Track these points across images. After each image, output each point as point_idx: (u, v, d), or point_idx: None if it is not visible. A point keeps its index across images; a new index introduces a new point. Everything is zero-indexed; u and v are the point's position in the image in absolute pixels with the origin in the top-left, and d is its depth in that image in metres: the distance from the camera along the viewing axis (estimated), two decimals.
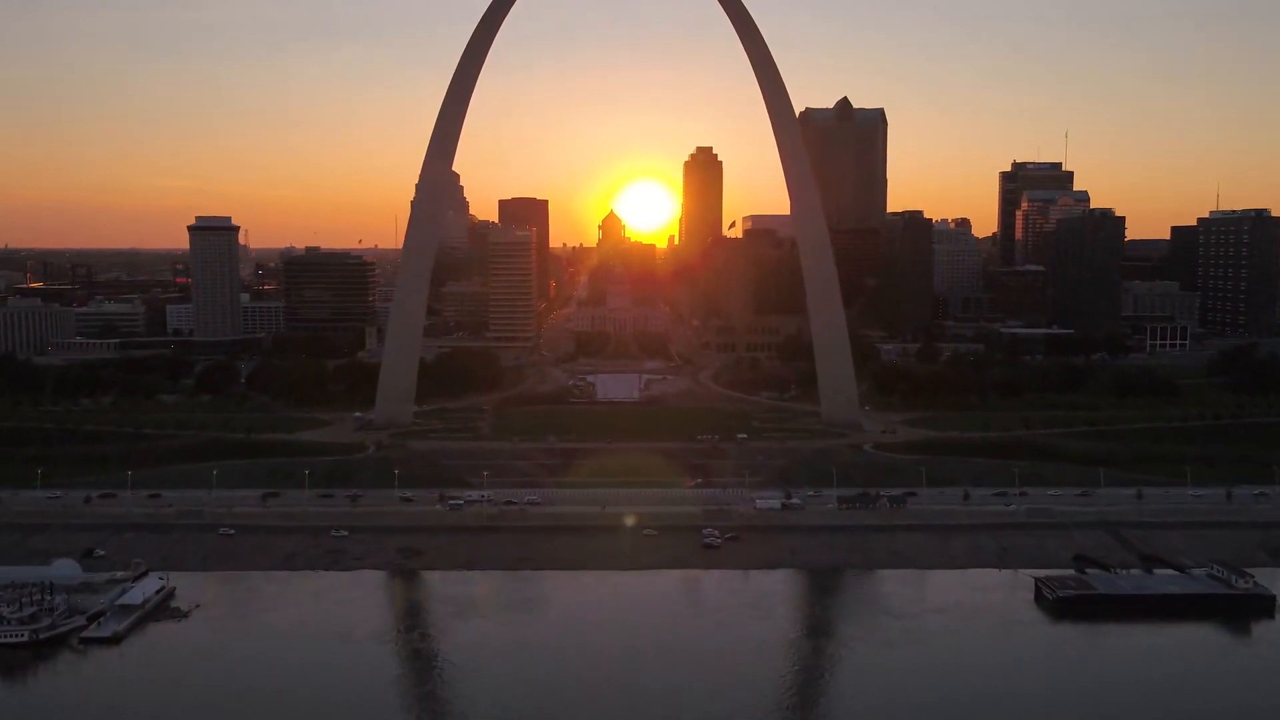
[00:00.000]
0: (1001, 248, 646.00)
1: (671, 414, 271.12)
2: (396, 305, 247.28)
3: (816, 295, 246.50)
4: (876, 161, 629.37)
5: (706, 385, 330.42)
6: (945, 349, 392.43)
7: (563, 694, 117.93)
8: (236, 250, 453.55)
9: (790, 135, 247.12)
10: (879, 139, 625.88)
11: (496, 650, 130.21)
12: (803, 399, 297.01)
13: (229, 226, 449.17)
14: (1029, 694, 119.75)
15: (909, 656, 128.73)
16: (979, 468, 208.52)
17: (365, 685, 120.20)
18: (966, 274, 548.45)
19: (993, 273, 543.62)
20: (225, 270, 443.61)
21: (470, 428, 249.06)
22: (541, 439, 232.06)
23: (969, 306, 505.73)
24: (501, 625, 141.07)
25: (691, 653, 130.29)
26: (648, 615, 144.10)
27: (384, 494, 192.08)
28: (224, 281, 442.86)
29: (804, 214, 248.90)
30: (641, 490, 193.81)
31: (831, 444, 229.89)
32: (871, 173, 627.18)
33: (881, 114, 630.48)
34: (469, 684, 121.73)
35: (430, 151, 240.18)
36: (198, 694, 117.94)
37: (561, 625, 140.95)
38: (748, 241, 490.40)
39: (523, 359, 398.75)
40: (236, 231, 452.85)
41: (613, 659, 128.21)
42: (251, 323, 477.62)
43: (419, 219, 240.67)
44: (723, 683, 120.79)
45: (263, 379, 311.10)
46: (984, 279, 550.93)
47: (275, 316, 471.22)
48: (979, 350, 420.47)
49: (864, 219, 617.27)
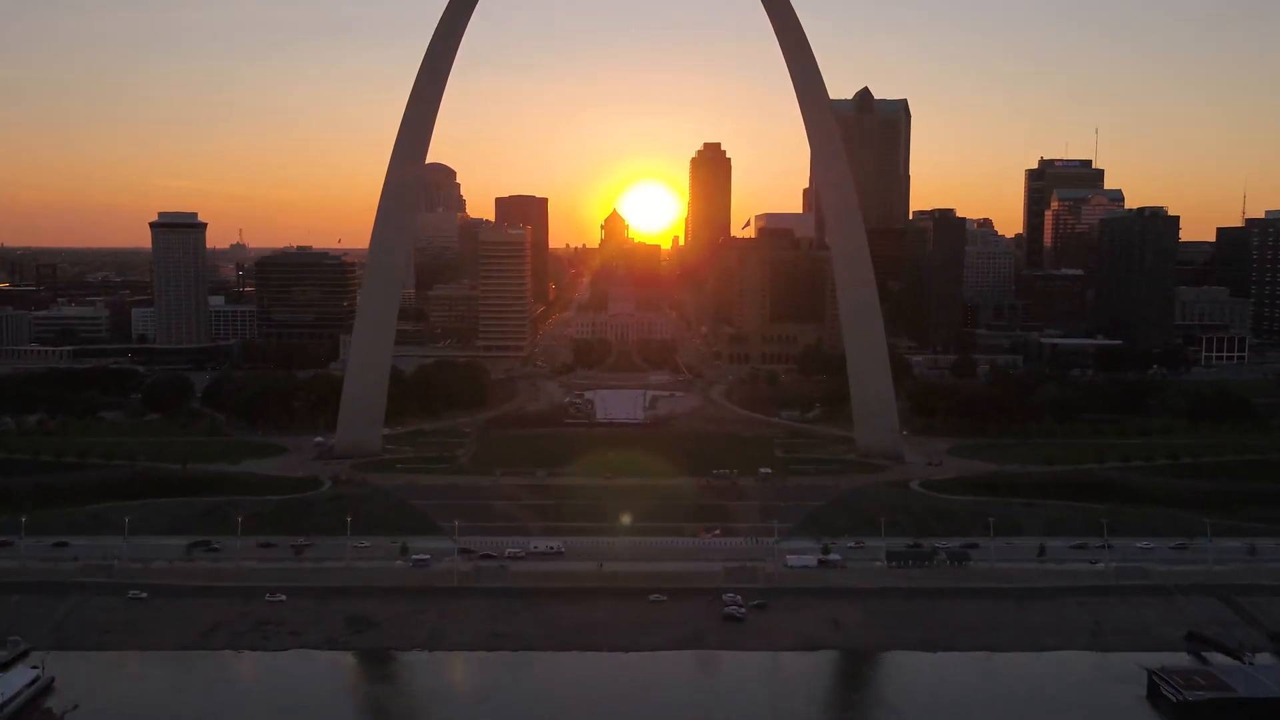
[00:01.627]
0: (1027, 250, 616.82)
1: (681, 440, 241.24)
2: (361, 315, 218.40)
3: (852, 310, 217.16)
4: (899, 157, 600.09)
5: (719, 404, 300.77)
6: (981, 361, 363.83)
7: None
8: (203, 249, 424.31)
9: (824, 129, 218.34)
10: (901, 133, 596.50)
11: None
12: (828, 419, 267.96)
13: (194, 223, 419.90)
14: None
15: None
16: (1049, 512, 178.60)
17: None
18: (996, 278, 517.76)
19: (1027, 277, 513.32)
20: (191, 271, 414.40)
21: (447, 457, 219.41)
22: (529, 473, 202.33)
23: (1001, 314, 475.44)
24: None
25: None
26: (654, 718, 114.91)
27: (337, 542, 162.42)
28: (189, 283, 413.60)
29: (839, 217, 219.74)
30: (648, 539, 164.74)
31: (870, 480, 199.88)
32: (893, 169, 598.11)
33: (904, 106, 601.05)
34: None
35: (397, 149, 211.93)
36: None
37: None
38: (762, 242, 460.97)
39: (515, 371, 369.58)
40: (203, 229, 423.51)
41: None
42: (222, 328, 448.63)
43: (386, 219, 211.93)
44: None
45: (220, 394, 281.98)
46: (1015, 283, 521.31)
47: (248, 322, 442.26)
48: (1016, 363, 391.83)
49: (885, 218, 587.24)
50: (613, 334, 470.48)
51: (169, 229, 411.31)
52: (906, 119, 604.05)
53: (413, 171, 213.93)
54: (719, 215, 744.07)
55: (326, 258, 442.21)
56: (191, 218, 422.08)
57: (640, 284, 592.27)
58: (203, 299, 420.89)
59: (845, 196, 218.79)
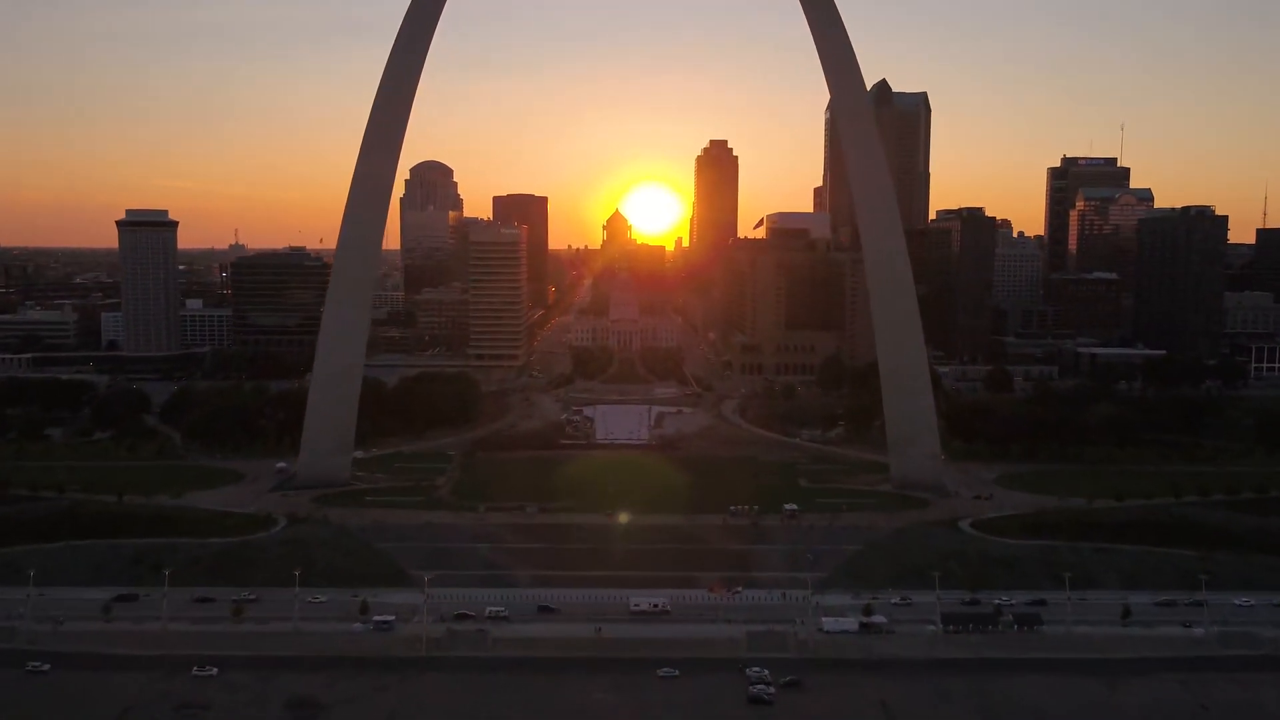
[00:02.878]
0: (1050, 251, 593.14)
1: (691, 467, 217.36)
2: (327, 326, 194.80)
3: (889, 322, 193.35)
4: (918, 153, 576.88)
5: (732, 421, 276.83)
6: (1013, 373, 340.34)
7: None
8: (174, 250, 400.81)
9: (858, 117, 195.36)
10: (921, 127, 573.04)
11: None
12: (854, 440, 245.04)
13: (164, 221, 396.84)
14: None
15: None
16: (1127, 560, 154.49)
17: None
18: (1024, 282, 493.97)
19: (1056, 281, 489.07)
20: (160, 273, 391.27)
21: (425, 487, 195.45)
22: (518, 509, 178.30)
23: (1030, 320, 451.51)
24: None
25: None
26: None
27: (287, 597, 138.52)
28: (159, 286, 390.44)
29: (874, 218, 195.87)
30: (654, 593, 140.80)
31: (913, 518, 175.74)
32: (912, 166, 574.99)
33: (924, 99, 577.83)
34: None
35: (366, 144, 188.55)
36: None
37: None
38: (774, 243, 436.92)
39: (508, 383, 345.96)
40: (174, 227, 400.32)
41: None
42: (198, 334, 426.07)
43: (354, 219, 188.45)
44: None
45: (179, 410, 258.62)
46: (1043, 288, 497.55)
47: (225, 328, 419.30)
48: (1051, 374, 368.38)
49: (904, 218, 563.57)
50: (615, 341, 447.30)
51: (136, 228, 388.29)
52: (926, 113, 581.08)
53: (383, 166, 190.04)
54: (725, 215, 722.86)
55: (307, 259, 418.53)
56: (161, 215, 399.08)
57: (644, 287, 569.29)
58: (173, 303, 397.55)
59: (881, 194, 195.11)
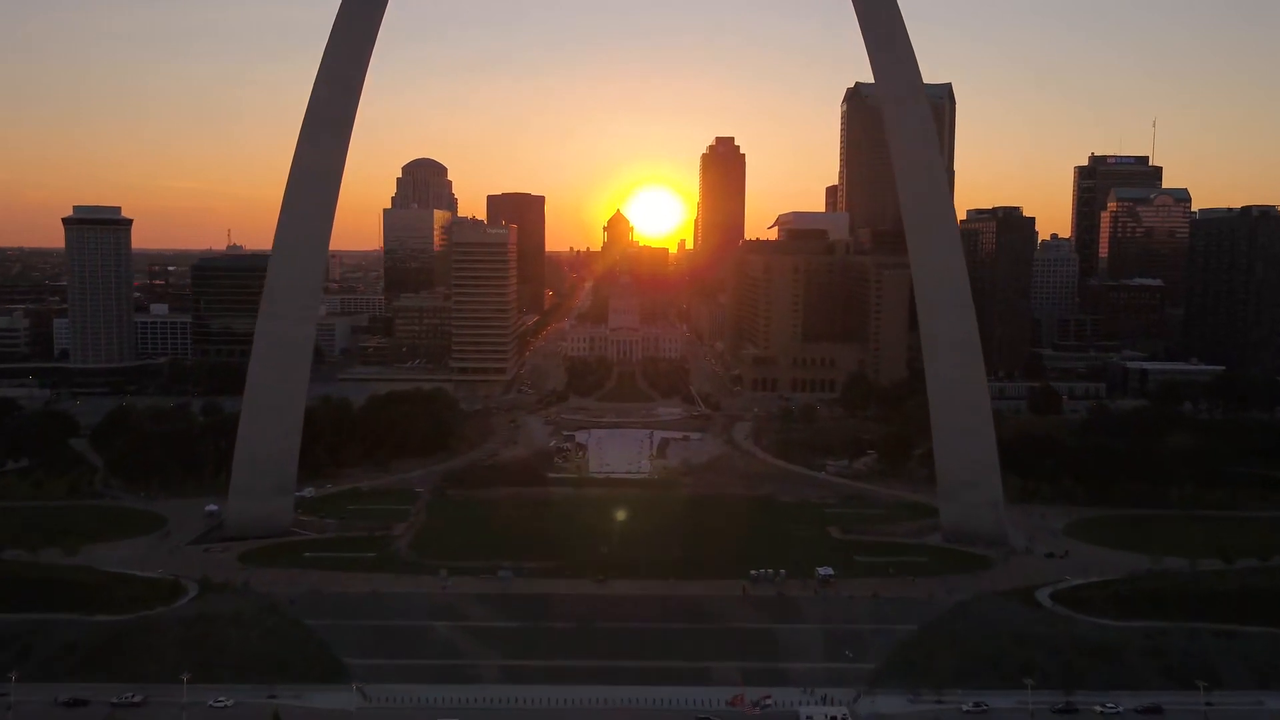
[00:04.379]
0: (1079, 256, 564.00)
1: (701, 509, 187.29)
2: (260, 345, 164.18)
3: (943, 346, 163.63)
4: (941, 149, 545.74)
5: (745, 449, 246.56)
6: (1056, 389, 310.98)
7: None
8: (127, 250, 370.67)
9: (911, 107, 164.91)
10: (945, 121, 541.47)
11: None
12: (889, 474, 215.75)
13: (117, 219, 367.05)
14: None
15: None
16: (1258, 646, 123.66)
17: None
18: (1058, 289, 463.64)
19: (1095, 288, 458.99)
20: (112, 276, 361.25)
21: (380, 537, 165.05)
22: (490, 573, 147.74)
23: (1067, 331, 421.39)
24: None
25: None
26: None
27: (181, 692, 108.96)
28: (110, 290, 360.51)
29: (926, 223, 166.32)
30: (657, 692, 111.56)
31: (976, 584, 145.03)
32: None
33: (948, 91, 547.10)
34: None
35: (309, 125, 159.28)
36: None
37: None
38: (790, 245, 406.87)
39: (494, 401, 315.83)
40: (127, 225, 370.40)
41: None
42: (157, 343, 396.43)
43: (294, 217, 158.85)
44: None
45: (112, 435, 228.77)
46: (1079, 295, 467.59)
47: (186, 336, 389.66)
48: (1098, 391, 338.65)
49: None
50: (614, 351, 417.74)
51: (84, 225, 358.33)
52: (951, 106, 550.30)
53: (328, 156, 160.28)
54: (732, 216, 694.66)
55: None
56: (114, 212, 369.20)
57: (645, 292, 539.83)
58: (125, 309, 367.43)
59: (935, 195, 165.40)
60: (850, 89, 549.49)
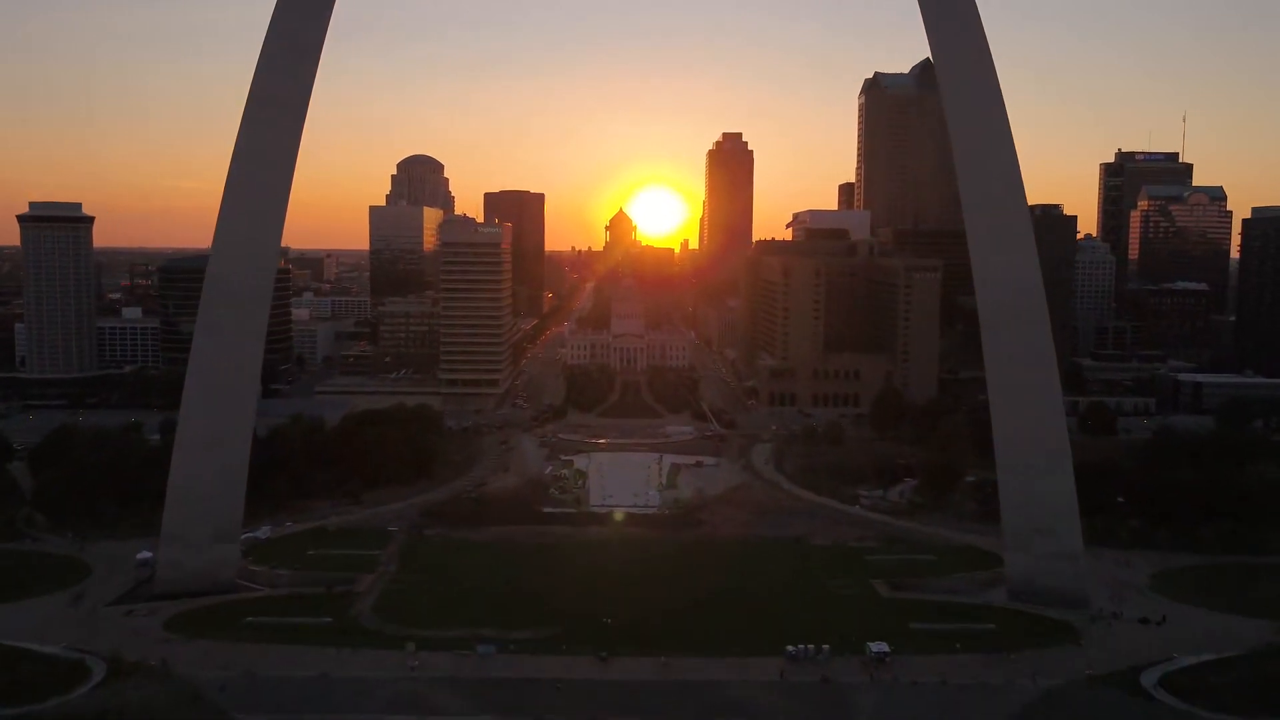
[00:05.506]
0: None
1: (720, 556, 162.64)
2: (195, 367, 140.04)
3: (1012, 370, 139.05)
4: None
5: (767, 476, 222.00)
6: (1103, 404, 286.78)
7: None
8: (88, 249, 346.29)
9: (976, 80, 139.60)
10: None
11: None
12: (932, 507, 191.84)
13: (77, 216, 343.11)
14: None
15: None
16: None
17: None
18: (1094, 293, 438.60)
19: (1134, 292, 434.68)
20: (71, 278, 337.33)
21: (337, 596, 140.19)
22: (466, 646, 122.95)
23: (1105, 339, 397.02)
24: None
25: None
26: None
27: None
28: (69, 293, 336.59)
29: (991, 220, 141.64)
30: None
31: (1063, 665, 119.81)
32: None
33: None
34: None
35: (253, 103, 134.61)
36: None
37: None
38: (810, 245, 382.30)
39: (485, 417, 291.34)
40: (89, 223, 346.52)
41: None
42: (124, 350, 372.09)
43: (237, 212, 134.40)
44: None
45: (52, 460, 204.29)
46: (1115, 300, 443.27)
47: (155, 342, 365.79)
48: (1148, 407, 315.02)
49: (952, 216, 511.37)
50: (616, 360, 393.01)
51: (41, 224, 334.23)
52: None
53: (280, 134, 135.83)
54: (739, 217, 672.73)
55: None
56: (74, 209, 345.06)
57: (650, 294, 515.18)
58: (86, 313, 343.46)
59: (1004, 187, 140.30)
60: (869, 80, 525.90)
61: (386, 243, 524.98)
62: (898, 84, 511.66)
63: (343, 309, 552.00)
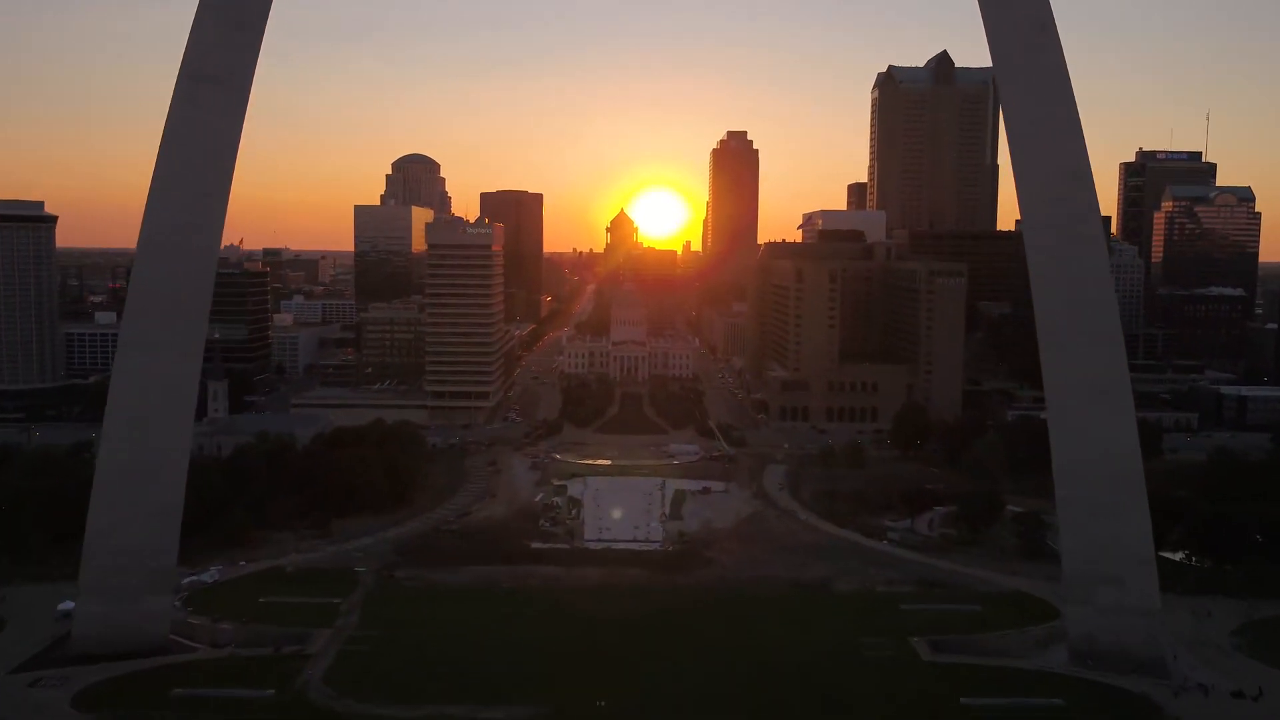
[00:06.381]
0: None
1: (736, 608, 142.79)
2: (117, 389, 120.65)
3: (1074, 386, 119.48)
4: (984, 142, 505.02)
5: (782, 505, 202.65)
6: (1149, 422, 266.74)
7: None
8: (50, 251, 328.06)
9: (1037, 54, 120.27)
10: (988, 111, 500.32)
11: None
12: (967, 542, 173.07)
13: (39, 215, 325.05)
14: None
15: None
16: None
17: None
18: (1122, 299, 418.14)
19: (1166, 298, 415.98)
20: (31, 281, 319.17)
21: (285, 659, 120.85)
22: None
23: (1135, 347, 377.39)
24: None
25: None
26: None
27: None
28: (29, 298, 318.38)
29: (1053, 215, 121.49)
30: None
31: None
32: (977, 158, 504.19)
33: (991, 78, 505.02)
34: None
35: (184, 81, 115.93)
36: None
37: None
38: (824, 248, 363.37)
39: (472, 434, 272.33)
40: (51, 223, 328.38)
41: None
42: (93, 358, 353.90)
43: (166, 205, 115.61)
44: None
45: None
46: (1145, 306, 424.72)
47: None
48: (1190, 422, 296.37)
49: (968, 219, 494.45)
50: (616, 369, 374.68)
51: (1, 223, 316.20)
52: (993, 92, 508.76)
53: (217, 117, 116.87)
54: (744, 218, 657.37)
55: (224, 264, 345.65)
56: (36, 207, 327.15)
57: (651, 298, 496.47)
58: (49, 319, 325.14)
59: (1072, 184, 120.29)
60: (882, 74, 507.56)
61: (372, 244, 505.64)
62: (913, 79, 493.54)
63: (334, 313, 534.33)
